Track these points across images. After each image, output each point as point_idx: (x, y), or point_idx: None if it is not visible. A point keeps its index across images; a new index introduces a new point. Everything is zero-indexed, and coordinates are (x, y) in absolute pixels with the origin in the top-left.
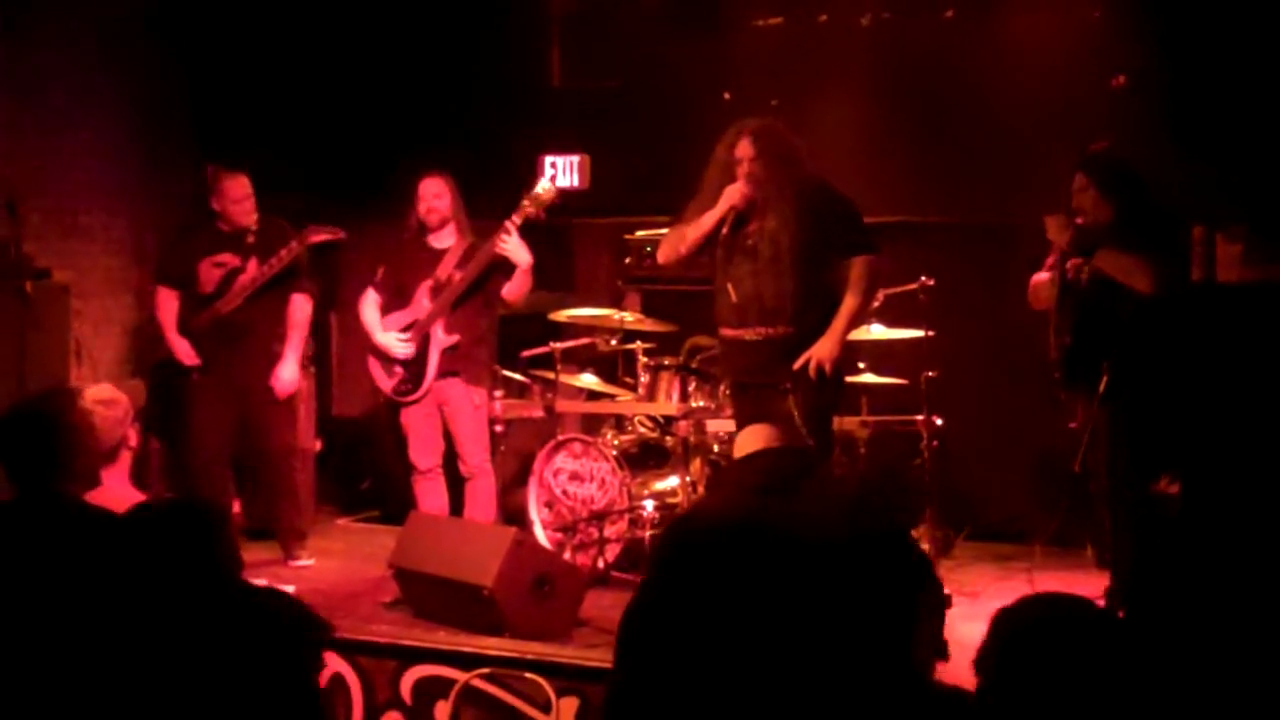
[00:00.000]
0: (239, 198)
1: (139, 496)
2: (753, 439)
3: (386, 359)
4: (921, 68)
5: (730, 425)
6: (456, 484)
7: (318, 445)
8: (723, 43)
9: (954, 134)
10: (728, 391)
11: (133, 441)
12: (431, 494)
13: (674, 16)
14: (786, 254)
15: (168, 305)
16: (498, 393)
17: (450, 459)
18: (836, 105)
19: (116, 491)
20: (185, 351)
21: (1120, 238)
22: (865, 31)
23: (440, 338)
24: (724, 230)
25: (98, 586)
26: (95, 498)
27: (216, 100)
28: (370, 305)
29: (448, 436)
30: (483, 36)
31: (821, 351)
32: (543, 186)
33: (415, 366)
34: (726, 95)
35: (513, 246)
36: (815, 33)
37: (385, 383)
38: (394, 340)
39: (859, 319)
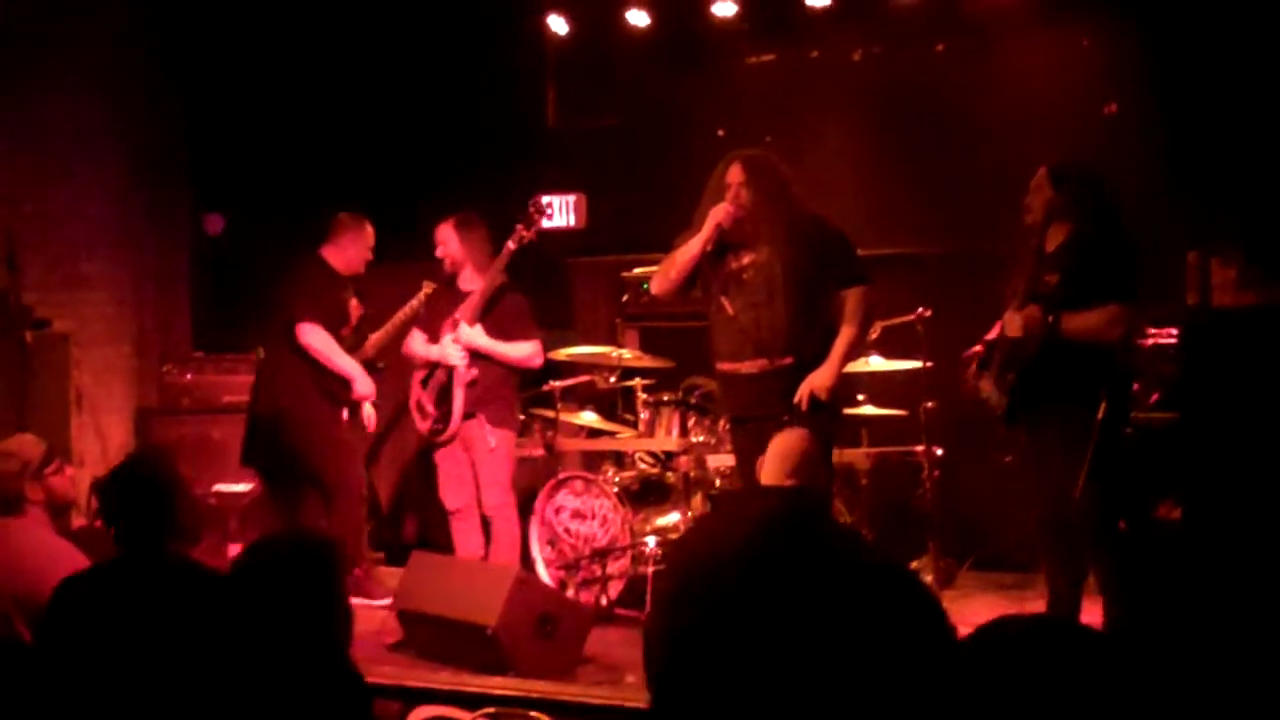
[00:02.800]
0: (373, 245)
1: (59, 546)
2: (770, 472)
3: (420, 405)
4: (914, 100)
5: (730, 460)
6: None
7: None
8: (716, 80)
9: (947, 165)
10: (727, 426)
11: (35, 496)
12: (467, 534)
13: (668, 55)
14: (780, 285)
15: (328, 339)
16: (504, 432)
17: None
18: (830, 139)
19: (19, 541)
20: (369, 387)
21: (1071, 265)
22: (857, 65)
23: (461, 374)
24: (708, 248)
25: (207, 645)
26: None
27: (214, 148)
28: (416, 338)
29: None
30: (478, 78)
31: (818, 380)
32: (533, 208)
33: (445, 406)
34: (721, 132)
35: (449, 351)
36: (808, 68)
37: (421, 424)
38: (450, 346)
39: (856, 349)
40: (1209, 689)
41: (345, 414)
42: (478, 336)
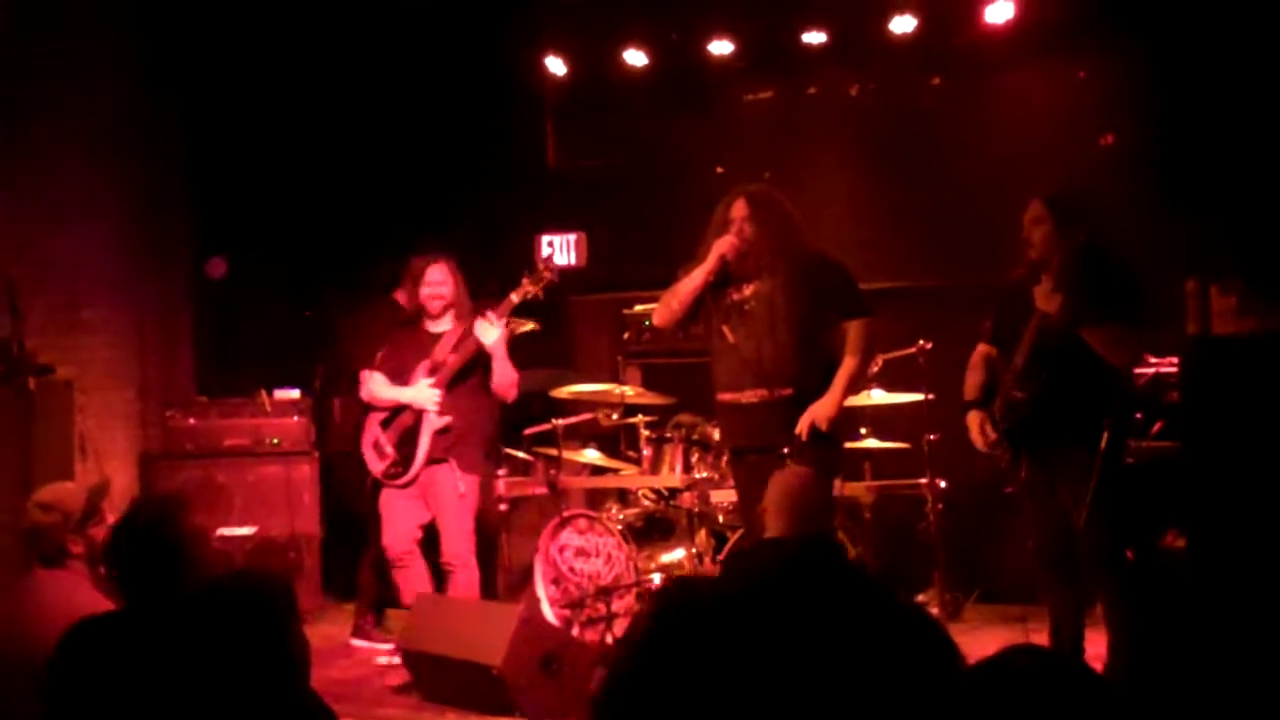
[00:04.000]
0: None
1: (98, 603)
2: (774, 520)
3: (377, 445)
4: (911, 133)
5: (734, 495)
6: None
7: (321, 532)
8: (714, 118)
9: (945, 198)
10: (728, 459)
11: (76, 549)
12: (413, 580)
13: (665, 94)
14: (782, 316)
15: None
16: (501, 471)
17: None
18: (828, 173)
19: (59, 596)
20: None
21: (1097, 304)
22: (854, 101)
23: (433, 420)
24: (711, 279)
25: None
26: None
27: (215, 191)
28: (378, 380)
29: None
30: (478, 119)
31: (819, 411)
32: (542, 265)
33: (407, 449)
34: (719, 169)
35: (482, 327)
36: (805, 104)
37: (376, 464)
38: (425, 389)
39: (857, 380)
40: None
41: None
42: (488, 331)
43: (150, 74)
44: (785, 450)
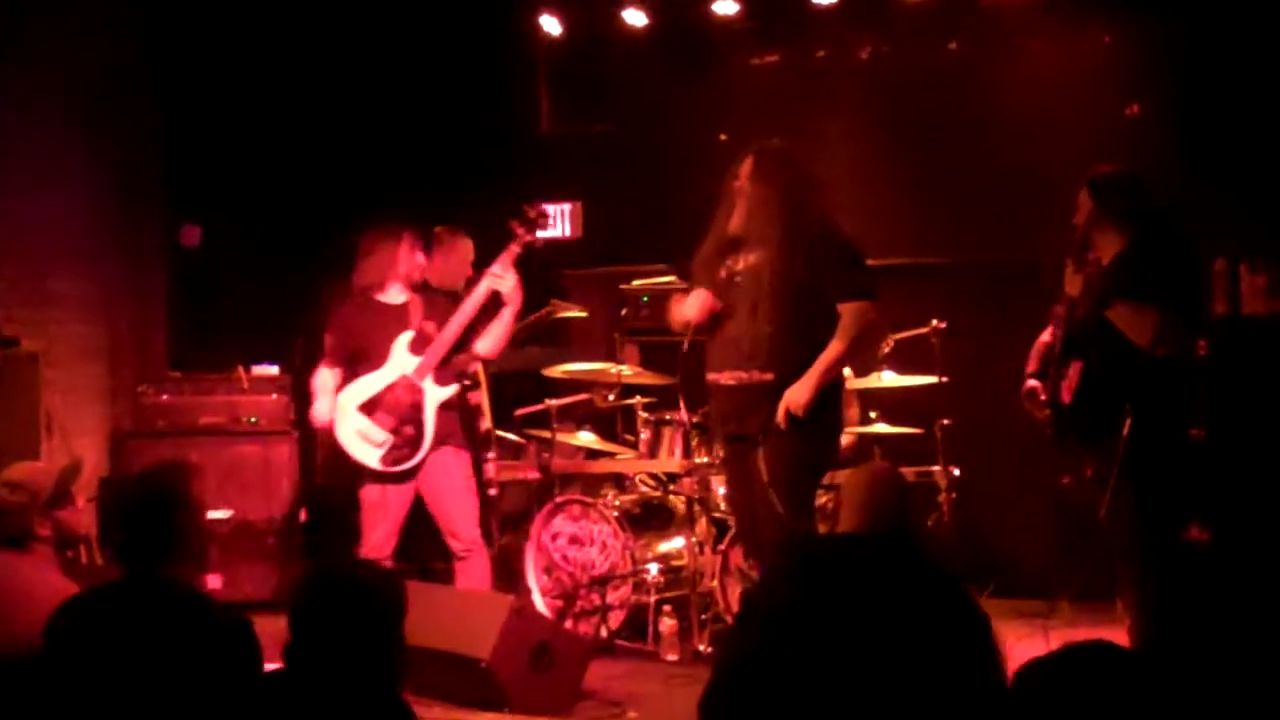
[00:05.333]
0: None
1: (64, 589)
2: (850, 512)
3: (364, 433)
4: (925, 101)
5: None
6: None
7: (302, 515)
8: (718, 82)
9: (961, 169)
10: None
11: (43, 531)
12: None
13: (666, 57)
14: (765, 293)
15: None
16: (491, 454)
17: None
18: (838, 142)
19: (22, 581)
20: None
21: (1129, 276)
22: (865, 65)
23: (436, 391)
24: (688, 341)
25: (207, 674)
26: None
27: (191, 155)
28: (324, 385)
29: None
30: (467, 82)
31: (793, 396)
32: (530, 211)
33: (411, 428)
34: (723, 136)
35: (509, 282)
36: (813, 68)
37: (369, 454)
38: (369, 424)
39: (839, 366)
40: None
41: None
42: (515, 289)
43: (124, 33)
44: (760, 436)
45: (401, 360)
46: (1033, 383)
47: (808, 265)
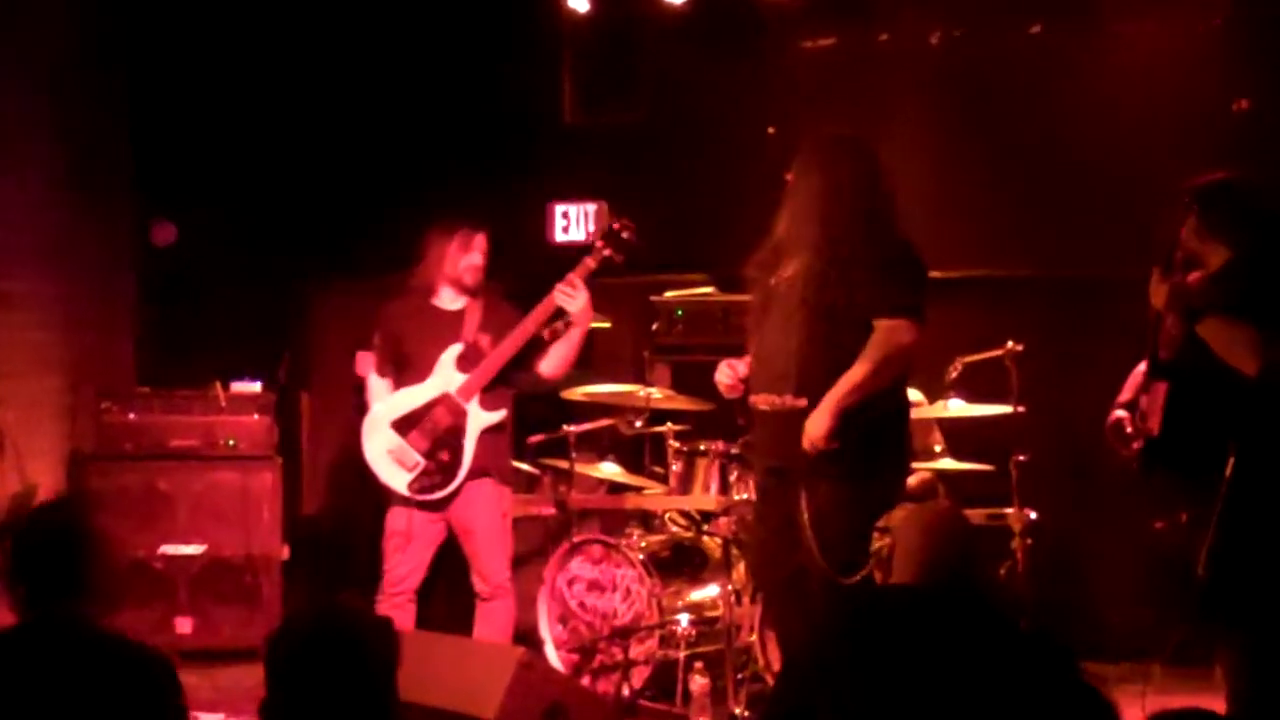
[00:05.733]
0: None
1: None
2: (905, 560)
3: (397, 452)
4: (1003, 93)
5: None
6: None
7: (284, 552)
8: (765, 68)
9: (1043, 171)
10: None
11: None
12: (400, 620)
13: (707, 38)
14: (801, 305)
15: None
16: (510, 490)
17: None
18: (902, 139)
19: None
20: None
21: (1231, 294)
22: (935, 51)
23: (481, 415)
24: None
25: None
26: None
27: (164, 147)
28: (379, 384)
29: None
30: (482, 65)
31: (809, 428)
32: (617, 224)
33: (446, 453)
34: (770, 130)
35: (579, 302)
36: (875, 54)
37: (397, 477)
38: (403, 444)
39: (860, 391)
40: None
41: None
42: (586, 310)
43: (89, 11)
44: (800, 472)
45: (446, 375)
46: (1120, 414)
47: (842, 276)
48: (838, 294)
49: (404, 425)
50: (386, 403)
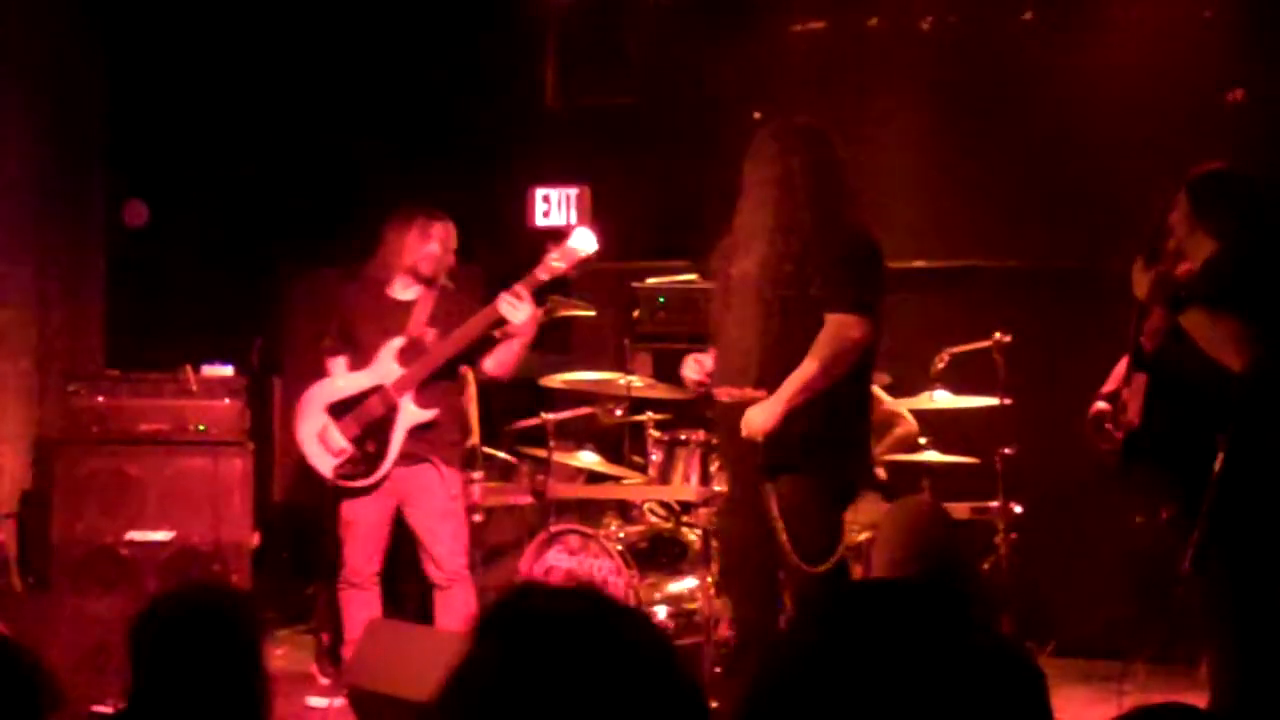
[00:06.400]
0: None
1: None
2: (885, 554)
3: (324, 435)
4: (994, 80)
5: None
6: (394, 594)
7: (255, 539)
8: (752, 51)
9: (1033, 160)
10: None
11: None
12: (366, 610)
13: (693, 20)
14: (757, 298)
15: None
16: (477, 474)
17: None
18: (892, 125)
19: None
20: None
21: (1216, 286)
22: (926, 37)
23: (412, 411)
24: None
25: None
26: None
27: (138, 127)
28: (339, 365)
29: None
30: (460, 45)
31: (753, 420)
32: (580, 240)
33: (372, 443)
34: (757, 114)
35: (521, 314)
36: (865, 39)
37: (322, 460)
38: (332, 428)
39: (810, 389)
40: None
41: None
42: (528, 321)
43: None
44: (758, 464)
45: (385, 367)
46: (1101, 405)
47: (796, 266)
48: (792, 286)
49: (338, 410)
50: (322, 386)
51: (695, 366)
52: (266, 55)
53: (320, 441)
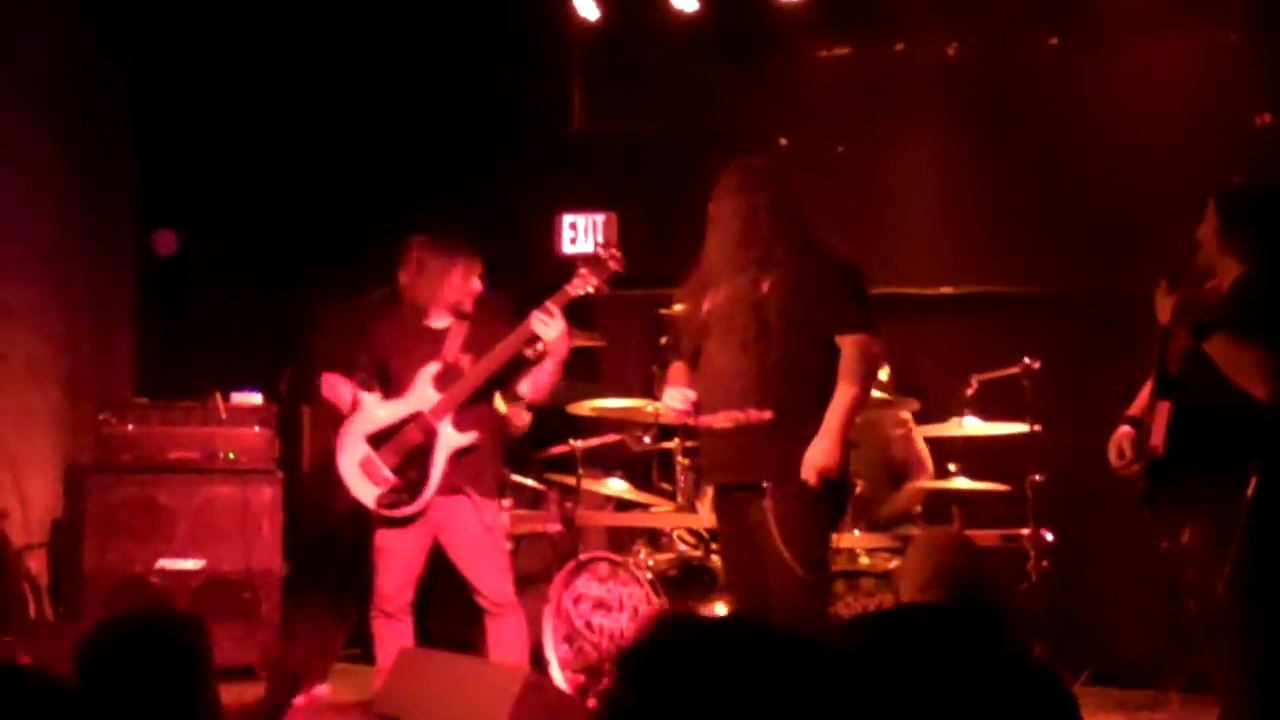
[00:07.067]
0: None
1: None
2: (914, 579)
3: (368, 465)
4: (1020, 105)
5: None
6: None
7: (284, 568)
8: (778, 78)
9: (1060, 185)
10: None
11: None
12: (397, 639)
13: (718, 46)
14: (755, 321)
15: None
16: (506, 502)
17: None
18: (917, 151)
19: None
20: None
21: (1239, 306)
22: (951, 62)
23: (451, 436)
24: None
25: None
26: None
27: (168, 157)
28: (369, 399)
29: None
30: (488, 71)
31: (823, 459)
32: (608, 256)
33: (415, 470)
34: (783, 140)
35: (553, 330)
36: (890, 65)
37: (366, 491)
38: (374, 458)
39: (854, 412)
40: None
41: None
42: (560, 338)
43: (93, 16)
44: (765, 485)
45: (422, 393)
46: (1125, 429)
47: (797, 289)
48: (796, 308)
49: (377, 440)
50: (361, 417)
51: (680, 396)
52: (293, 83)
53: (362, 471)
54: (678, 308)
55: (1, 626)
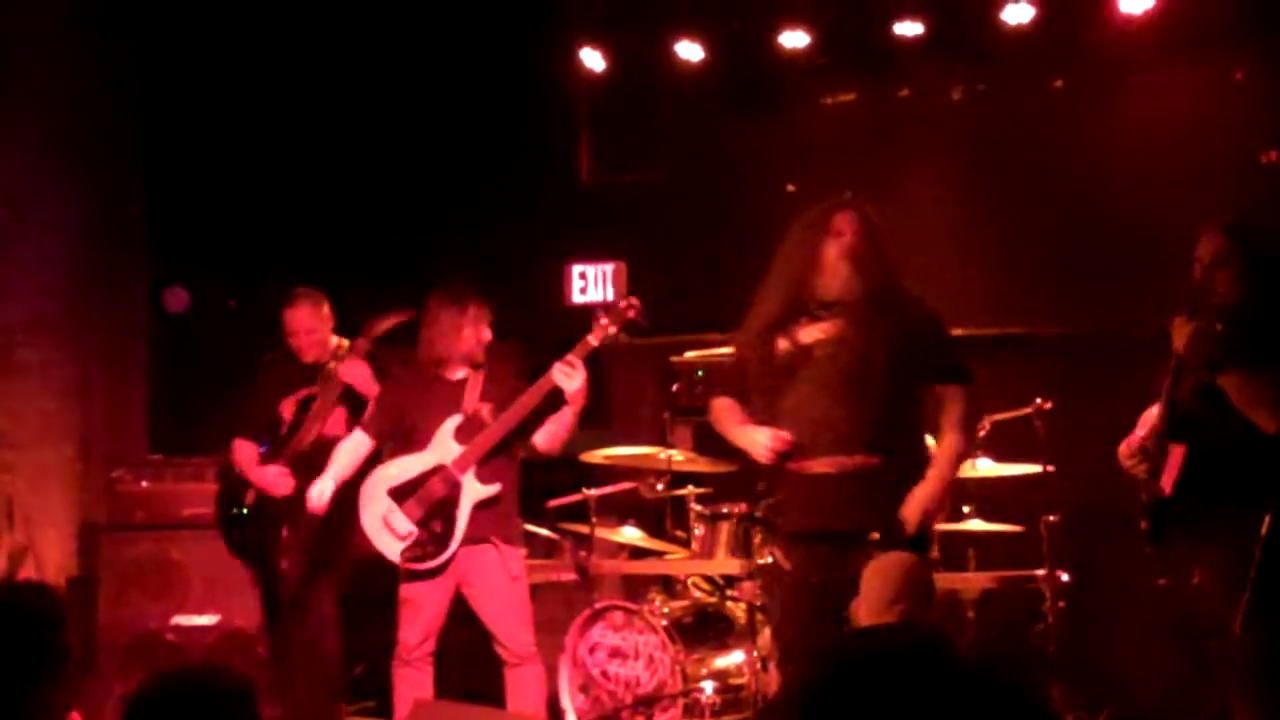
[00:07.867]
0: (296, 330)
1: None
2: (876, 600)
3: (390, 520)
4: (1026, 148)
5: None
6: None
7: None
8: (785, 124)
9: (1068, 226)
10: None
11: None
12: (415, 689)
13: (724, 94)
14: (865, 366)
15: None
16: (520, 551)
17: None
18: (924, 194)
19: None
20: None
21: (1244, 334)
22: (957, 107)
23: (475, 488)
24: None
25: None
26: None
27: (177, 211)
28: (341, 457)
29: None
30: (496, 124)
31: (928, 504)
32: (626, 304)
33: (440, 523)
34: (791, 187)
35: (575, 382)
36: (896, 109)
37: (390, 545)
38: (397, 513)
39: (961, 461)
40: None
41: None
42: (580, 389)
43: (103, 76)
44: (874, 537)
45: (444, 447)
46: (1139, 433)
47: (903, 338)
48: (901, 355)
49: (400, 494)
50: (383, 471)
51: (776, 437)
52: (303, 141)
53: (386, 526)
54: (689, 355)
55: (71, 697)
